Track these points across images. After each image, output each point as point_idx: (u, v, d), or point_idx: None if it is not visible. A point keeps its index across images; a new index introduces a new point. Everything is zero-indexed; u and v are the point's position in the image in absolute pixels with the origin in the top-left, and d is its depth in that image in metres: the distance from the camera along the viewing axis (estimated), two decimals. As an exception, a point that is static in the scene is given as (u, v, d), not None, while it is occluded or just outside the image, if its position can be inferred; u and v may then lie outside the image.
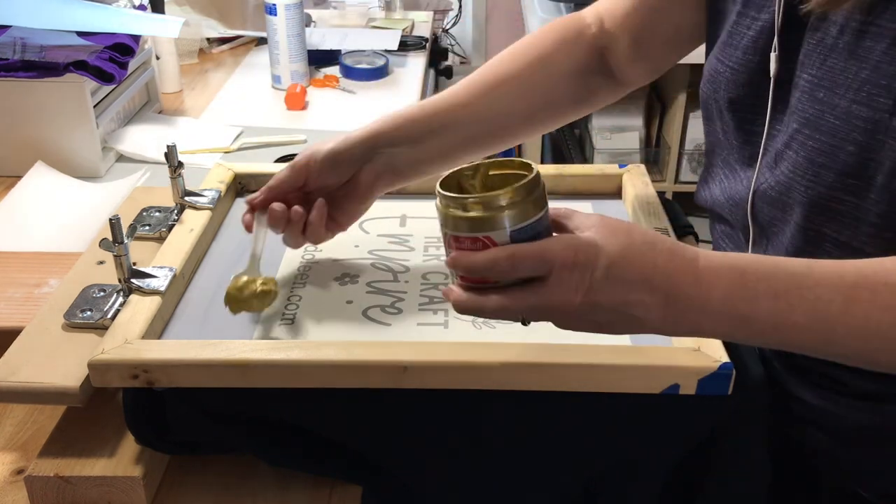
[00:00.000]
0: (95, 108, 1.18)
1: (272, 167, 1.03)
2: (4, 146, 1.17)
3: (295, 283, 0.82)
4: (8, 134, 1.16)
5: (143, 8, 1.49)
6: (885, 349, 0.57)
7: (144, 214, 0.90)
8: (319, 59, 1.65)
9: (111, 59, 1.18)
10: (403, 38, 1.76)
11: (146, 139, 1.27)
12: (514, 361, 0.66)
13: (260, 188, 0.82)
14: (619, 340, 0.72)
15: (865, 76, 0.61)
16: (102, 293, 0.76)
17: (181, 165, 0.87)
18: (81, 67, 1.13)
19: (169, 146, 0.85)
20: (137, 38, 1.28)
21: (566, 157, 2.57)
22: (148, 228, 0.88)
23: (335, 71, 1.62)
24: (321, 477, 0.72)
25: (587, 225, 0.58)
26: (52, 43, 1.19)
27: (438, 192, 0.58)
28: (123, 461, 0.68)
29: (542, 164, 2.46)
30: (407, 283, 0.82)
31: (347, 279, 0.83)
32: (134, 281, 0.75)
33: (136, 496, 0.67)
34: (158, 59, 1.48)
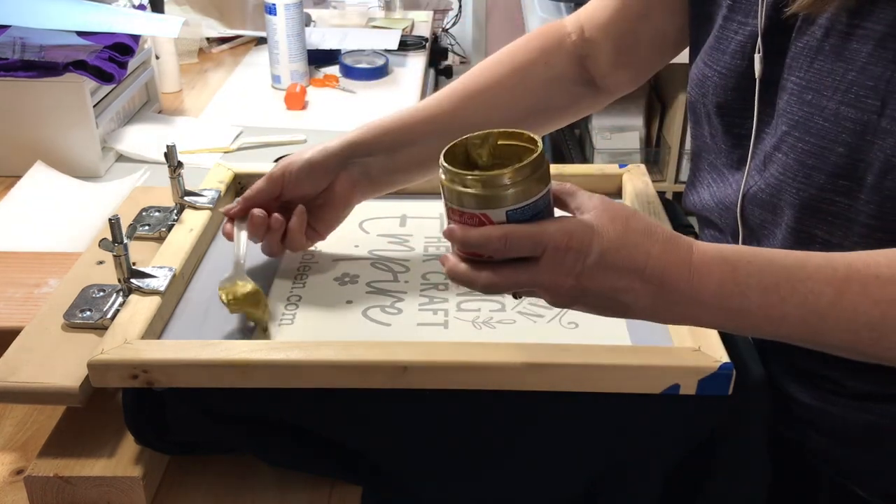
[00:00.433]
0: (95, 107, 1.18)
1: (272, 167, 1.03)
2: (4, 146, 1.17)
3: (295, 283, 0.82)
4: (8, 134, 1.16)
5: (142, 8, 1.49)
6: (875, 342, 0.57)
7: (144, 214, 0.90)
8: (319, 58, 1.65)
9: (111, 58, 1.18)
10: (403, 37, 1.76)
11: (146, 139, 1.27)
12: (514, 361, 0.66)
13: (226, 236, 0.83)
14: (619, 340, 0.72)
15: (852, 78, 0.61)
16: (102, 293, 0.76)
17: (181, 165, 0.87)
18: (81, 67, 1.12)
19: (168, 146, 0.85)
20: (137, 37, 1.28)
21: (566, 157, 2.57)
22: (148, 228, 0.88)
23: (335, 71, 1.62)
24: (321, 477, 0.72)
25: (588, 207, 0.59)
26: (51, 43, 1.19)
27: (442, 163, 0.58)
28: (123, 461, 0.68)
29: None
30: (407, 283, 0.82)
31: (347, 279, 0.83)
32: (133, 281, 0.75)
33: (135, 496, 0.67)
34: (158, 58, 1.48)
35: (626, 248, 0.56)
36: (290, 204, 0.82)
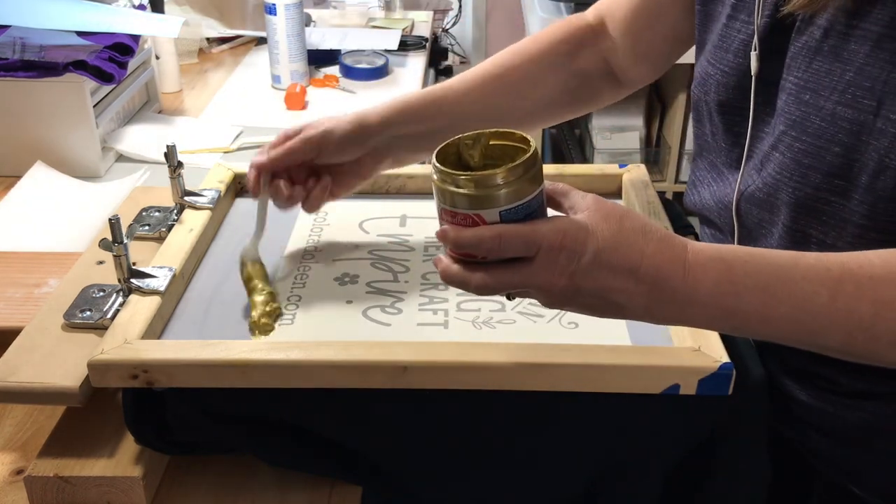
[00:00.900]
0: (95, 107, 1.18)
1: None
2: (4, 146, 1.17)
3: (295, 283, 0.82)
4: (8, 134, 1.16)
5: (143, 8, 1.49)
6: (869, 343, 0.57)
7: (144, 214, 0.90)
8: (319, 58, 1.65)
9: (111, 58, 1.18)
10: (403, 37, 1.76)
11: (146, 139, 1.27)
12: (514, 361, 0.66)
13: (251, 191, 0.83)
14: (619, 340, 0.72)
15: (850, 78, 0.61)
16: (102, 293, 0.76)
17: (181, 165, 0.87)
18: (81, 67, 1.12)
19: (169, 146, 0.85)
20: (137, 37, 1.28)
21: (566, 157, 2.57)
22: (148, 228, 0.88)
23: (335, 71, 1.62)
24: (321, 477, 0.72)
25: (581, 207, 0.58)
26: (51, 43, 1.19)
27: (434, 164, 0.58)
28: (123, 461, 0.68)
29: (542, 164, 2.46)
30: (407, 283, 0.82)
31: (347, 279, 0.83)
32: (133, 281, 0.75)
33: (135, 496, 0.67)
34: (158, 58, 1.48)
35: (620, 247, 0.56)
36: (317, 166, 0.82)
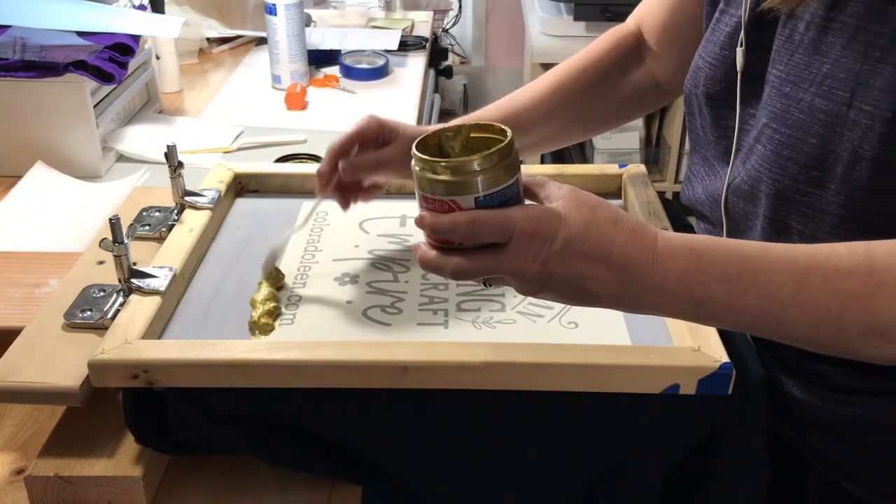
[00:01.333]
0: (95, 108, 1.18)
1: (272, 167, 1.03)
2: (4, 146, 1.17)
3: (295, 283, 0.82)
4: (8, 134, 1.16)
5: (143, 8, 1.49)
6: (835, 334, 0.57)
7: (144, 214, 0.90)
8: (319, 58, 1.65)
9: (111, 59, 1.18)
10: (403, 38, 1.76)
11: (146, 139, 1.27)
12: (514, 361, 0.66)
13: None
14: (619, 340, 0.73)
15: (827, 70, 0.62)
16: (102, 293, 0.76)
17: (181, 165, 0.87)
18: (81, 67, 1.13)
19: (169, 146, 0.85)
20: (137, 38, 1.28)
21: (566, 156, 2.57)
22: (148, 228, 0.88)
23: (335, 71, 1.62)
24: (321, 477, 0.72)
25: (556, 196, 0.59)
26: (52, 43, 1.19)
27: (413, 153, 0.59)
28: (123, 461, 0.68)
29: (542, 164, 2.46)
30: (407, 283, 0.82)
31: (347, 279, 0.83)
32: (134, 281, 0.75)
33: (136, 496, 0.67)
34: (158, 58, 1.48)
35: (591, 235, 0.57)
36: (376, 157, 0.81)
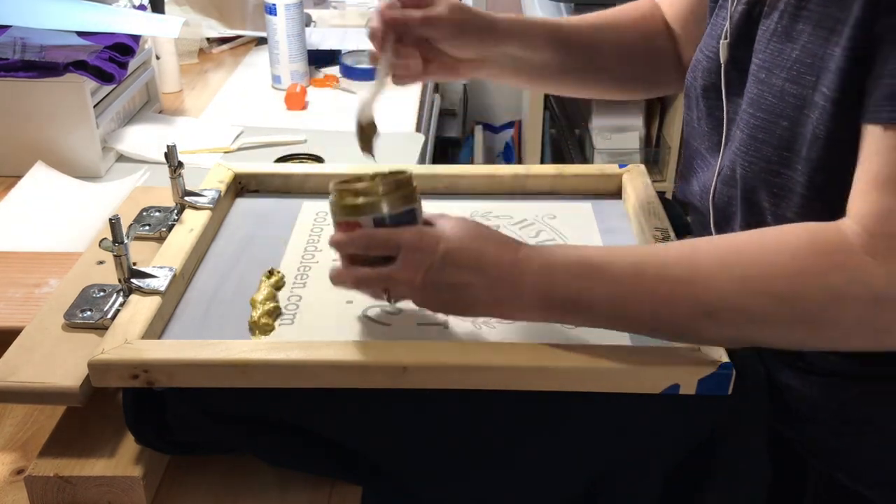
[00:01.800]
0: (95, 108, 1.18)
1: (272, 167, 1.03)
2: (4, 146, 1.17)
3: (295, 283, 0.82)
4: (8, 134, 1.16)
5: (143, 8, 1.49)
6: (673, 317, 0.63)
7: (144, 214, 0.90)
8: (319, 58, 1.65)
9: (111, 58, 1.18)
10: (403, 37, 1.76)
11: (146, 139, 1.27)
12: (514, 361, 0.66)
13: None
14: (619, 340, 0.72)
15: (796, 56, 0.67)
16: (102, 293, 0.76)
17: (181, 165, 0.87)
18: (81, 67, 1.13)
19: (169, 146, 0.85)
20: (137, 38, 1.28)
21: (566, 157, 2.57)
22: (148, 228, 0.88)
23: (335, 71, 1.62)
24: (321, 477, 0.72)
25: (444, 223, 0.67)
26: (52, 43, 1.19)
27: (331, 187, 0.69)
28: (123, 461, 0.68)
29: (542, 163, 2.46)
30: (407, 283, 0.82)
31: (347, 279, 0.83)
32: (134, 281, 0.75)
33: (136, 496, 0.67)
34: (158, 58, 1.48)
35: (467, 249, 0.65)
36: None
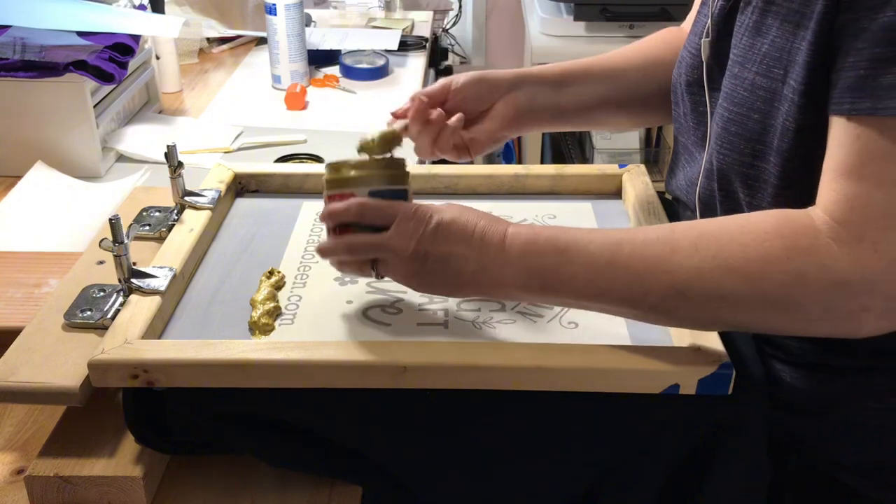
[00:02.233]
0: (95, 108, 1.18)
1: (272, 167, 1.03)
2: (4, 146, 1.17)
3: (295, 283, 0.82)
4: (8, 134, 1.16)
5: (143, 8, 1.49)
6: (642, 296, 0.64)
7: (144, 214, 0.90)
8: (319, 59, 1.65)
9: (111, 58, 1.18)
10: (403, 37, 1.76)
11: (146, 139, 1.27)
12: (514, 361, 0.66)
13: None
14: (619, 340, 0.73)
15: (765, 50, 0.69)
16: (102, 293, 0.76)
17: (181, 165, 0.87)
18: (81, 67, 1.13)
19: (169, 146, 0.85)
20: (137, 37, 1.28)
21: (566, 157, 2.57)
22: (148, 228, 0.88)
23: (335, 71, 1.62)
24: (321, 477, 0.72)
25: (437, 204, 0.69)
26: (52, 43, 1.19)
27: (325, 165, 0.72)
28: (123, 461, 0.68)
29: (541, 163, 2.46)
30: (407, 283, 0.82)
31: (347, 279, 0.83)
32: (134, 281, 0.75)
33: (136, 496, 0.67)
34: (158, 58, 1.48)
35: (458, 221, 0.67)
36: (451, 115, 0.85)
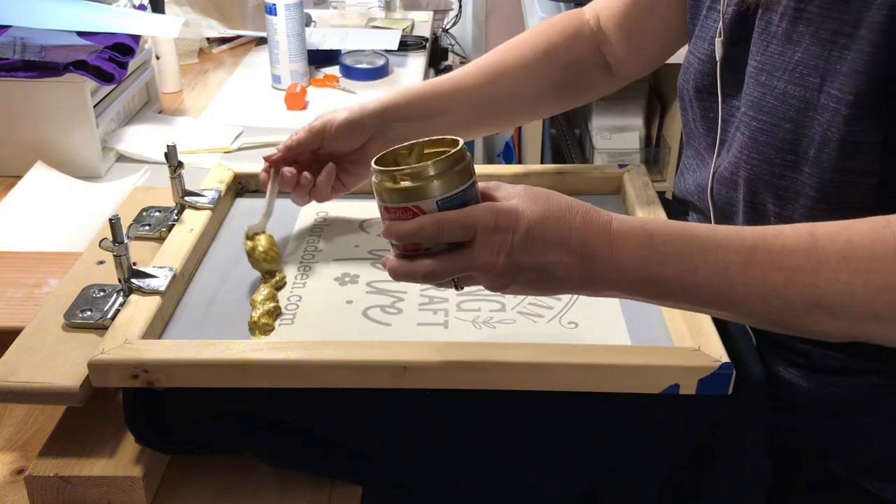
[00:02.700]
0: (95, 108, 1.18)
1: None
2: (4, 146, 1.16)
3: (295, 282, 0.82)
4: (8, 134, 1.16)
5: (143, 8, 1.49)
6: (784, 309, 0.59)
7: (144, 214, 0.90)
8: (319, 59, 1.64)
9: (111, 58, 1.18)
10: (403, 38, 1.76)
11: (146, 139, 1.27)
12: (514, 361, 0.66)
13: (262, 188, 0.88)
14: (619, 340, 0.73)
15: (798, 58, 0.66)
16: (102, 293, 0.76)
17: (181, 165, 0.87)
18: (81, 67, 1.12)
19: (169, 146, 0.85)
20: (137, 37, 1.28)
21: (566, 156, 2.57)
22: (148, 228, 0.88)
23: (335, 71, 1.62)
24: (321, 477, 0.72)
25: (512, 195, 0.62)
26: (52, 43, 1.19)
27: (373, 168, 0.62)
28: (123, 461, 0.68)
29: (542, 163, 2.46)
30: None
31: (347, 279, 0.83)
32: (134, 281, 0.75)
33: (136, 496, 0.67)
34: (158, 58, 1.48)
35: (549, 222, 0.59)
36: (323, 158, 0.87)
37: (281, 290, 0.80)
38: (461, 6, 2.80)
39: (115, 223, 0.72)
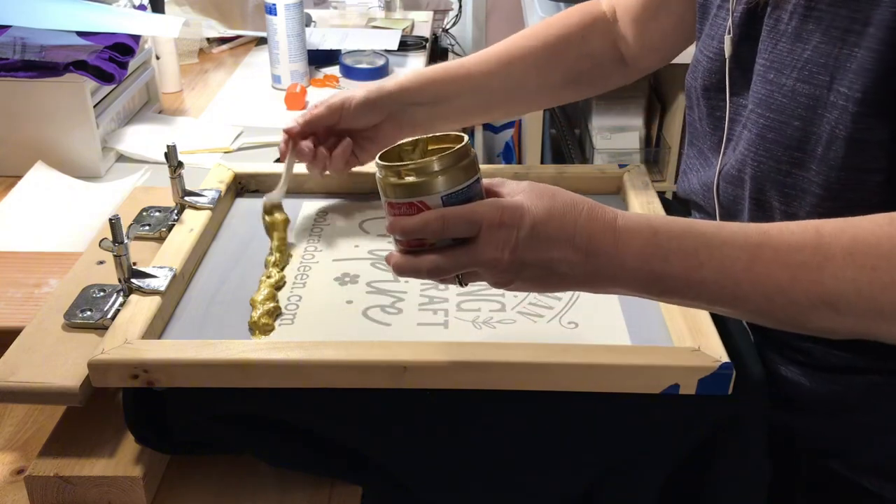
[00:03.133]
0: (95, 108, 1.18)
1: (272, 167, 1.03)
2: (4, 146, 1.16)
3: (295, 283, 0.82)
4: (8, 134, 1.16)
5: (143, 8, 1.49)
6: (788, 306, 0.58)
7: (144, 214, 0.90)
8: (319, 59, 1.64)
9: (111, 58, 1.18)
10: (403, 38, 1.76)
11: (146, 139, 1.27)
12: (514, 361, 0.66)
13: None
14: (619, 340, 0.73)
15: (808, 56, 0.66)
16: (102, 293, 0.76)
17: (181, 165, 0.87)
18: (81, 67, 1.12)
19: (169, 146, 0.85)
20: (137, 37, 1.28)
21: (566, 156, 2.57)
22: (148, 228, 0.88)
23: (335, 71, 1.62)
24: (321, 477, 0.72)
25: (517, 191, 0.61)
26: (52, 43, 1.19)
27: (377, 163, 0.62)
28: (123, 461, 0.68)
29: (542, 163, 2.46)
30: (407, 282, 0.82)
31: (347, 279, 0.83)
32: (134, 281, 0.75)
33: (136, 496, 0.67)
34: (158, 58, 1.48)
35: (554, 219, 0.59)
36: (340, 131, 0.90)
37: (281, 290, 0.80)
38: (461, 6, 2.80)
39: (115, 223, 0.72)
